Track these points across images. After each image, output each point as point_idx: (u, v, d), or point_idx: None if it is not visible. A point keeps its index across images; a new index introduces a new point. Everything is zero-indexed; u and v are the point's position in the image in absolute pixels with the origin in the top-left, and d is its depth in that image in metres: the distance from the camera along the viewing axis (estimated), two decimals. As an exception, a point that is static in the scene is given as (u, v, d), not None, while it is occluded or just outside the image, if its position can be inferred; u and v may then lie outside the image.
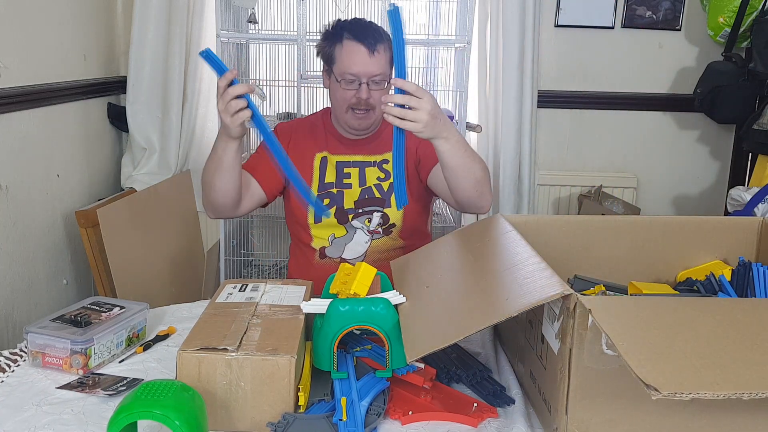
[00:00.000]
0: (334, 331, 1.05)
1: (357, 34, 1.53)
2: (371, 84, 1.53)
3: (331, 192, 1.63)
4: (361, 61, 1.51)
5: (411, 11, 2.68)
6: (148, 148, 2.60)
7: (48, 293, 2.11)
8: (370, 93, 1.53)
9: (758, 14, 2.50)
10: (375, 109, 1.56)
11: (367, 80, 1.52)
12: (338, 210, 1.62)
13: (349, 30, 1.54)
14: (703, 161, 2.93)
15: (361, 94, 1.53)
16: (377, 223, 1.61)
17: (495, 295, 1.00)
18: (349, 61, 1.52)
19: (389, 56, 1.54)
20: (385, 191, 1.63)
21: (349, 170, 1.63)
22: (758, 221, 1.39)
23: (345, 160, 1.64)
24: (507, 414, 1.03)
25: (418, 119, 1.25)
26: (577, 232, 1.38)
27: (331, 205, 1.62)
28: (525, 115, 2.69)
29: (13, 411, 1.02)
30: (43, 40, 2.08)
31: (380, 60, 1.52)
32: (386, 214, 1.62)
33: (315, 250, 1.64)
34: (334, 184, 1.63)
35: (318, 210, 1.58)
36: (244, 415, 0.97)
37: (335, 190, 1.62)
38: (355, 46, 1.52)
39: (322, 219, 1.62)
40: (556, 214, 2.91)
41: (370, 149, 1.65)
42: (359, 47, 1.52)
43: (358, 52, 1.52)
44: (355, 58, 1.52)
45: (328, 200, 1.62)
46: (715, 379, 0.76)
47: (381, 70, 1.53)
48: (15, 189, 1.93)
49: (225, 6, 2.36)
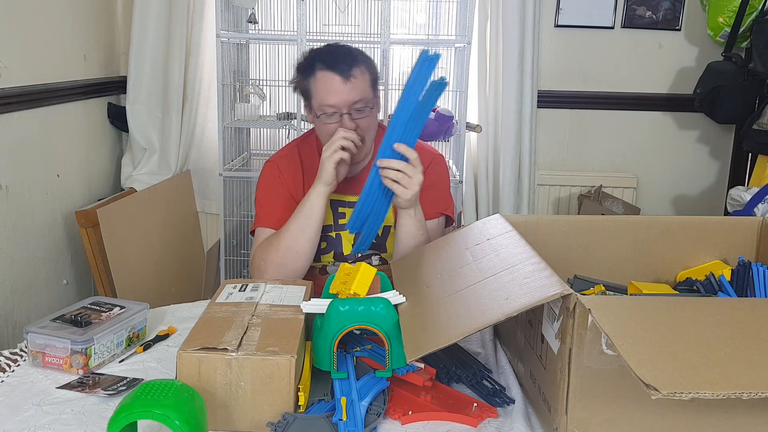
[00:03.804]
0: (334, 331, 1.05)
1: (329, 63, 1.42)
2: (353, 113, 1.42)
3: (330, 236, 1.55)
4: (337, 91, 1.40)
5: (411, 11, 2.68)
6: (148, 148, 2.60)
7: (48, 293, 2.12)
8: (355, 123, 1.43)
9: (758, 14, 2.50)
10: (364, 139, 1.45)
11: (347, 110, 1.42)
12: (336, 255, 1.56)
13: (320, 59, 1.44)
14: (703, 161, 2.93)
15: (345, 124, 1.42)
16: (376, 264, 1.57)
17: (495, 295, 1.00)
18: (324, 92, 1.42)
19: (369, 78, 1.45)
20: (380, 235, 1.54)
21: (344, 210, 1.55)
22: (758, 221, 1.39)
23: (340, 200, 1.54)
24: (507, 414, 1.03)
25: (410, 188, 1.28)
26: (577, 232, 1.38)
27: (329, 250, 1.55)
28: (525, 115, 2.69)
29: (13, 411, 1.02)
30: (43, 40, 2.08)
31: (357, 85, 1.41)
32: (384, 258, 1.57)
33: (315, 269, 1.60)
34: (332, 227, 1.55)
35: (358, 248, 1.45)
36: (244, 415, 0.97)
37: (333, 233, 1.55)
38: (329, 76, 1.41)
39: (321, 258, 1.56)
40: (556, 214, 2.91)
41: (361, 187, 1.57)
42: (332, 76, 1.41)
43: (332, 82, 1.41)
44: (329, 88, 1.41)
45: (326, 244, 1.55)
46: (714, 378, 0.76)
47: (360, 96, 1.42)
48: (15, 189, 1.93)
49: (225, 6, 2.36)
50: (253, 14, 2.47)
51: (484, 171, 2.75)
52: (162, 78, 2.57)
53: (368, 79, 1.46)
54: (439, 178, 1.58)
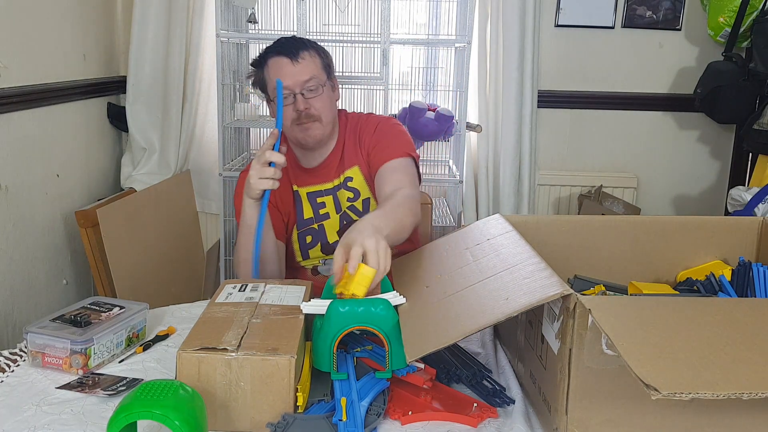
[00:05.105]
0: (333, 331, 1.05)
1: (278, 50, 1.51)
2: (306, 93, 1.49)
3: (312, 228, 1.60)
4: (287, 72, 1.48)
5: (411, 11, 2.68)
6: (148, 148, 2.60)
7: (48, 293, 2.12)
8: (308, 102, 1.49)
9: (758, 14, 2.50)
10: (321, 119, 1.51)
11: (300, 90, 1.48)
12: (323, 246, 1.59)
13: (271, 50, 1.52)
14: (703, 161, 2.93)
15: (298, 105, 1.48)
16: None
17: (495, 295, 1.00)
18: (275, 75, 1.49)
19: (320, 61, 1.52)
20: (362, 212, 1.58)
21: (322, 199, 1.60)
22: (758, 221, 1.39)
23: (316, 190, 1.60)
24: (507, 414, 1.03)
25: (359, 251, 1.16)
26: (577, 232, 1.38)
27: (315, 242, 1.59)
28: (525, 114, 2.69)
29: (13, 411, 1.02)
30: (43, 40, 2.08)
31: (307, 66, 1.49)
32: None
33: (307, 269, 1.64)
34: (313, 219, 1.60)
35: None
36: (243, 415, 0.97)
37: (316, 225, 1.60)
38: (278, 60, 1.50)
39: (309, 255, 1.60)
40: (556, 214, 2.91)
41: (334, 173, 1.60)
42: (282, 59, 1.49)
43: (282, 64, 1.49)
44: (279, 71, 1.49)
45: (311, 237, 1.59)
46: (715, 379, 0.76)
47: (310, 75, 1.49)
48: (15, 189, 1.93)
49: (225, 6, 2.36)
50: (253, 14, 2.47)
51: (484, 171, 2.75)
52: (162, 78, 2.57)
53: (318, 62, 1.53)
54: (388, 129, 1.60)
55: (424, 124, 2.42)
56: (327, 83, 1.53)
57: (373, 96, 2.53)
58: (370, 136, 1.58)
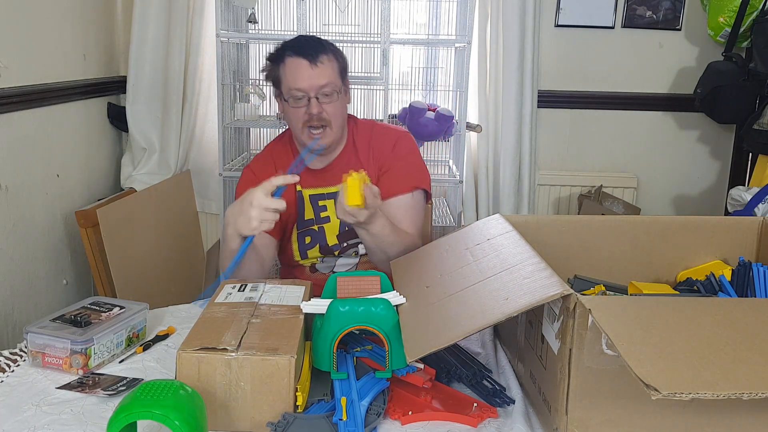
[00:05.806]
0: (333, 331, 1.05)
1: (298, 50, 1.49)
2: (321, 97, 1.48)
3: (312, 229, 1.59)
4: (305, 75, 1.47)
5: (411, 11, 2.68)
6: (148, 148, 2.60)
7: (48, 293, 2.12)
8: (321, 107, 1.48)
9: (758, 14, 2.49)
10: (331, 125, 1.50)
11: (315, 94, 1.47)
12: (322, 248, 1.59)
13: (290, 48, 1.50)
14: (703, 161, 2.93)
15: (311, 109, 1.47)
16: (364, 252, 1.58)
17: (495, 295, 1.00)
18: (293, 76, 1.48)
19: (337, 66, 1.51)
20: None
21: (324, 203, 1.59)
22: (758, 221, 1.39)
23: (319, 193, 1.59)
24: (507, 414, 1.03)
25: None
26: (577, 232, 1.38)
27: (314, 244, 1.59)
28: (525, 115, 2.69)
29: (13, 411, 1.02)
30: (43, 40, 2.08)
31: (325, 70, 1.48)
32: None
33: (305, 267, 1.64)
34: (313, 220, 1.59)
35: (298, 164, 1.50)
36: (243, 415, 0.97)
37: (316, 227, 1.59)
38: (297, 61, 1.48)
39: (307, 255, 1.60)
40: (556, 214, 2.91)
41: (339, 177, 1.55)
42: (301, 61, 1.47)
43: (300, 66, 1.47)
44: (297, 73, 1.47)
45: (310, 238, 1.59)
46: (715, 379, 0.76)
47: (327, 80, 1.48)
48: (15, 189, 1.93)
49: (225, 6, 2.36)
50: (253, 14, 2.47)
51: (484, 171, 2.75)
52: (162, 78, 2.57)
53: (336, 67, 1.52)
54: (405, 154, 1.60)
55: (424, 124, 2.42)
56: (342, 88, 1.53)
57: (373, 96, 2.52)
58: (387, 155, 1.58)
